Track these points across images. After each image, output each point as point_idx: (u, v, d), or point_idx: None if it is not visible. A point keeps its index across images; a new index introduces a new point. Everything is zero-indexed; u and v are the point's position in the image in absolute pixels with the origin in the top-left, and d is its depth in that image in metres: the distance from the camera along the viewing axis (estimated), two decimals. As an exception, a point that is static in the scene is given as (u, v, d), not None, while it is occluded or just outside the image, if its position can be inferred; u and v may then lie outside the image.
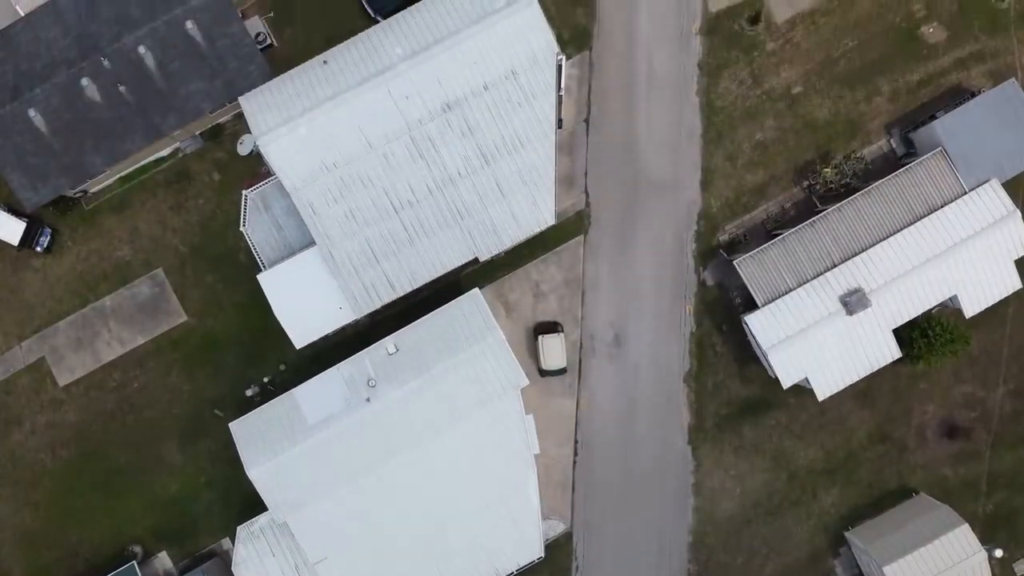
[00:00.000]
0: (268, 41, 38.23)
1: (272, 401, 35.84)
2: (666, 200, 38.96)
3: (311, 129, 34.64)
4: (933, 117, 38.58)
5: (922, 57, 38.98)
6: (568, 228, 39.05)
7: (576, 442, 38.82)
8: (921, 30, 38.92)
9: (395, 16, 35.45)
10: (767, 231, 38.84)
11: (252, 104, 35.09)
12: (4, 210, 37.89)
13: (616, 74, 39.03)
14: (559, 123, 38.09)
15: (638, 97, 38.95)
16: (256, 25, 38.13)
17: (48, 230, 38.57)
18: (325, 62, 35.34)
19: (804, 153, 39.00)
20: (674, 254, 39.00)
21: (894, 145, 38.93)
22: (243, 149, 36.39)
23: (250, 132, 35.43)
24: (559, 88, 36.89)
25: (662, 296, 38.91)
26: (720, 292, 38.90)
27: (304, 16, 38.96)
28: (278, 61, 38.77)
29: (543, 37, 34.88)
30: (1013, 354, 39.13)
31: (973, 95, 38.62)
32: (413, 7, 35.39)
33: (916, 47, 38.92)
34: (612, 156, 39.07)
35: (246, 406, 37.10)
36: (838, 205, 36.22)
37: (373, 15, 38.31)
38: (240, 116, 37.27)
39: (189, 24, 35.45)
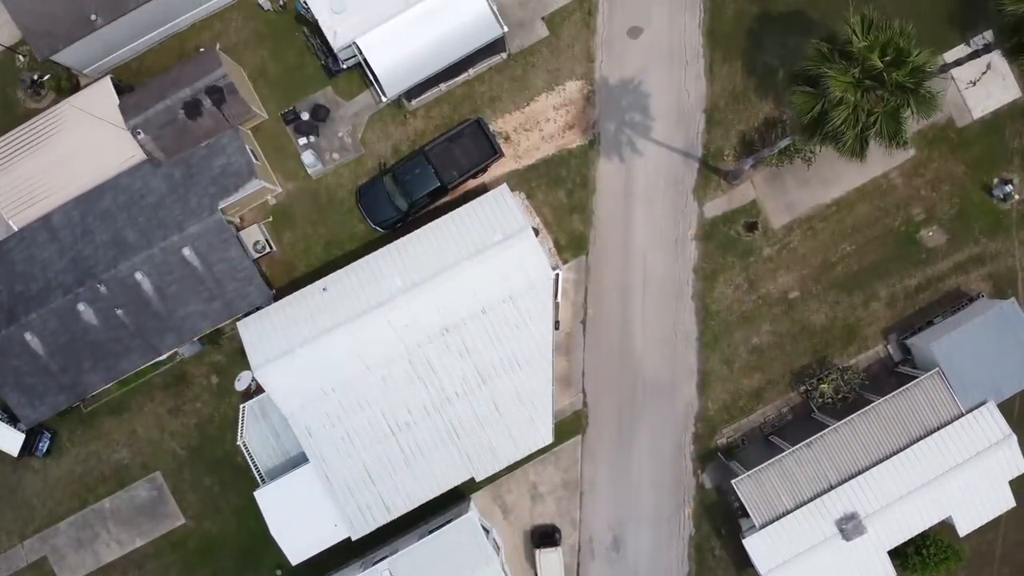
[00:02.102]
0: (268, 250, 38.26)
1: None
2: (664, 402, 38.98)
3: (310, 359, 34.70)
4: (931, 323, 38.58)
5: (921, 261, 38.90)
6: (566, 428, 39.08)
7: (577, 648, 39.03)
8: (921, 234, 38.84)
9: (394, 244, 35.45)
10: (764, 436, 38.84)
11: (251, 333, 35.15)
12: (4, 421, 38.08)
13: (613, 278, 39.06)
14: (556, 325, 38.11)
15: (634, 300, 38.94)
16: (255, 233, 38.20)
17: (47, 434, 38.81)
18: (324, 289, 35.38)
19: (801, 358, 38.97)
20: (672, 456, 39.01)
21: (891, 351, 38.85)
22: (240, 385, 36.52)
23: (247, 369, 35.45)
24: (556, 295, 37.02)
25: (661, 499, 38.93)
26: (718, 495, 38.91)
27: (303, 221, 39.04)
28: (277, 266, 39.02)
29: (540, 265, 34.93)
30: (1006, 553, 39.16)
31: (972, 300, 38.61)
32: (412, 236, 35.41)
33: (915, 251, 38.84)
34: (609, 357, 39.09)
35: (243, 611, 37.36)
36: (835, 425, 36.16)
37: (373, 227, 38.33)
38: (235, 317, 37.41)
39: (186, 251, 35.56)
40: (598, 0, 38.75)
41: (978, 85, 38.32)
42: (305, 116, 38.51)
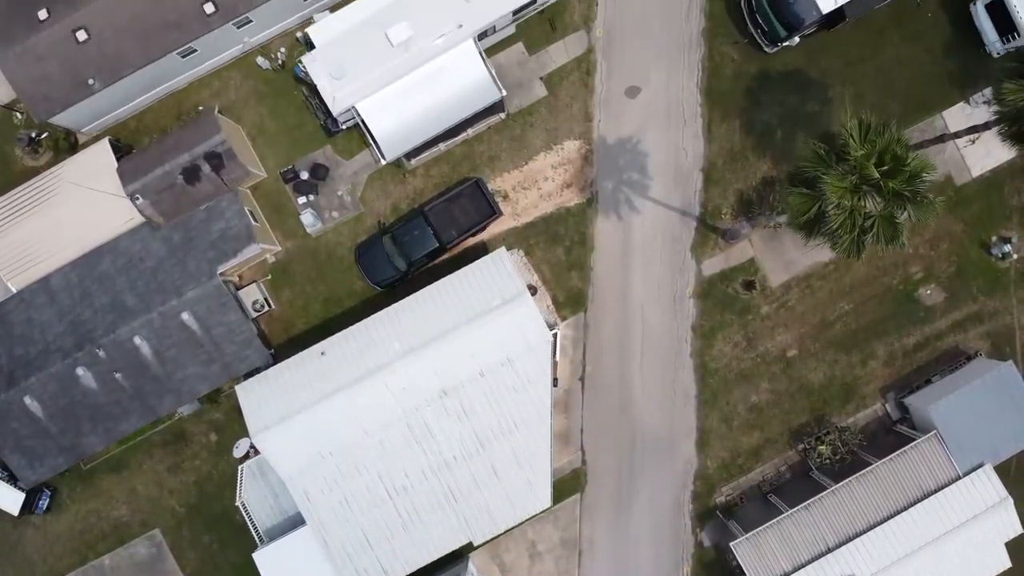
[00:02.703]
0: (266, 308, 38.31)
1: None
2: (663, 460, 39.03)
3: (308, 424, 34.74)
4: (929, 381, 38.63)
5: (919, 320, 38.93)
6: (565, 486, 39.12)
7: None
8: (919, 292, 38.88)
9: (392, 308, 35.47)
10: (763, 494, 38.88)
11: (249, 398, 35.18)
12: (4, 480, 38.15)
13: (611, 335, 39.10)
14: (555, 382, 38.15)
15: (633, 358, 38.99)
16: (254, 292, 38.23)
17: (47, 492, 38.91)
18: (323, 353, 35.40)
19: (799, 416, 39.03)
20: (671, 515, 39.06)
21: (889, 410, 38.91)
22: (238, 452, 36.56)
23: (245, 426, 35.47)
24: (555, 353, 37.09)
25: (659, 557, 39.00)
26: (717, 554, 38.97)
27: (302, 279, 39.09)
28: (276, 323, 39.09)
29: (538, 328, 34.95)
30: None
31: (970, 359, 38.65)
32: (410, 300, 35.43)
33: (913, 309, 38.89)
34: (608, 415, 39.15)
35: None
36: (833, 488, 36.19)
37: (372, 285, 38.40)
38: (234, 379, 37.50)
39: (185, 315, 35.62)
40: (596, 60, 38.73)
41: (977, 143, 38.34)
42: (304, 175, 38.54)
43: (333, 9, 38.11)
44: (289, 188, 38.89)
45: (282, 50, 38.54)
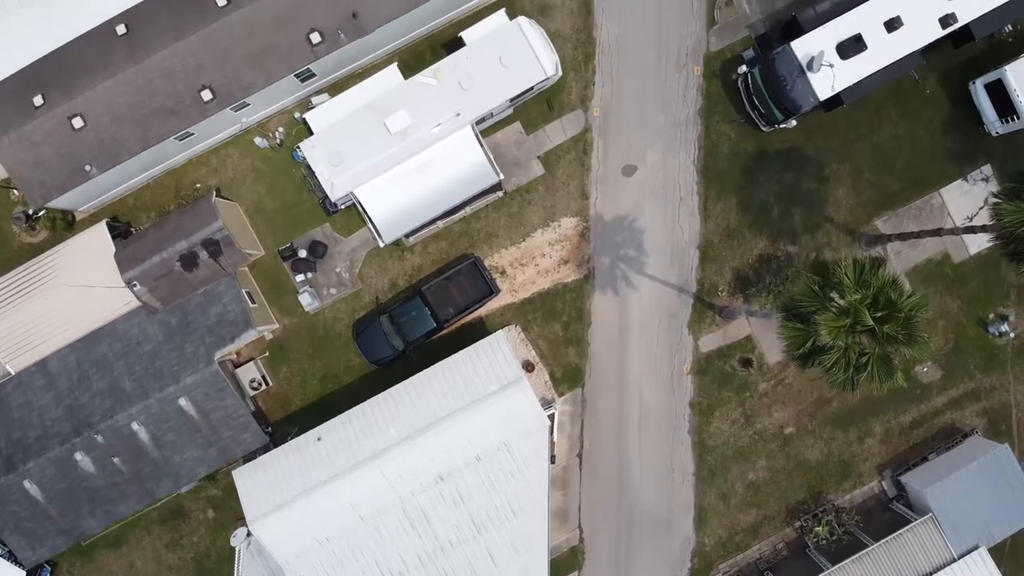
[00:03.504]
0: (264, 386, 38.39)
1: None
2: (660, 537, 39.12)
3: (304, 511, 34.82)
4: (925, 459, 38.71)
5: (916, 397, 39.00)
6: (563, 565, 39.24)
7: None
8: (915, 370, 38.89)
9: (389, 392, 35.55)
10: (760, 571, 38.99)
11: (246, 484, 35.30)
12: (4, 557, 38.25)
13: (609, 411, 39.18)
14: (552, 459, 38.25)
15: (631, 434, 39.06)
16: (251, 371, 38.32)
17: (47, 569, 39.03)
18: (319, 439, 35.50)
19: (796, 494, 39.12)
20: (668, 591, 39.23)
21: (885, 488, 38.99)
22: (235, 541, 36.58)
23: (241, 504, 35.54)
24: (552, 430, 37.22)
25: (656, 634, 39.14)
26: (713, 629, 39.12)
27: (300, 355, 39.15)
28: (273, 400, 39.18)
29: (535, 413, 35.02)
30: None
31: (966, 436, 38.74)
32: (407, 384, 35.50)
33: (910, 387, 38.90)
34: (606, 492, 39.23)
35: None
36: (829, 571, 36.29)
37: (369, 363, 38.46)
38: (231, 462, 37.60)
39: (183, 401, 35.68)
40: (593, 139, 38.74)
41: (975, 220, 38.33)
42: (302, 253, 38.58)
43: (331, 90, 38.18)
44: (287, 266, 38.91)
45: (280, 129, 38.57)
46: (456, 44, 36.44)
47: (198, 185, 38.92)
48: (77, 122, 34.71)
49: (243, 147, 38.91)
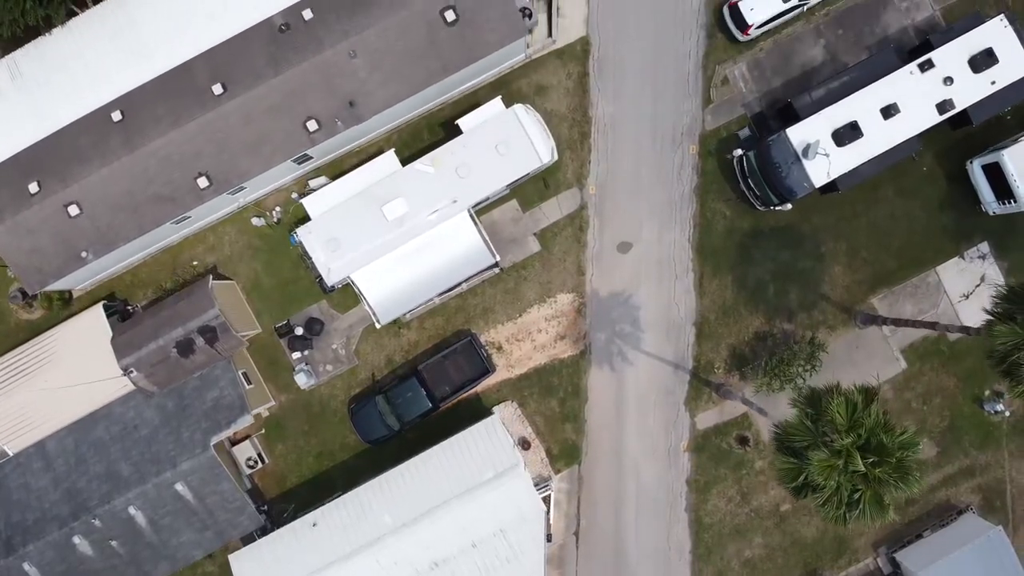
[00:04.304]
0: (260, 464, 38.49)
1: None
2: (656, 612, 39.27)
3: (301, 598, 35.03)
4: (920, 536, 38.77)
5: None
6: (559, 639, 39.39)
7: None
8: (911, 447, 38.91)
9: (384, 477, 35.65)
10: (756, 647, 39.15)
11: (243, 568, 35.45)
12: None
13: (606, 488, 39.24)
14: (548, 538, 38.42)
15: (628, 512, 39.15)
16: (247, 449, 38.44)
17: (44, 644, 39.13)
18: (315, 524, 35.61)
19: (793, 571, 39.22)
20: (664, 667, 39.34)
21: (880, 565, 39.08)
22: None
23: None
24: (549, 508, 37.34)
25: None
26: None
27: (296, 432, 39.23)
28: (269, 478, 39.27)
29: (531, 499, 35.14)
30: None
31: (960, 513, 38.80)
32: (402, 469, 35.62)
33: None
34: (603, 570, 39.32)
35: None
36: (824, 652, 36.49)
37: (363, 441, 38.54)
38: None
39: (179, 486, 35.76)
40: (589, 216, 38.77)
41: (971, 298, 38.38)
42: (299, 331, 38.63)
43: (328, 169, 38.20)
44: (284, 343, 38.95)
45: (277, 208, 38.62)
46: (455, 128, 36.42)
47: (195, 262, 38.97)
48: (73, 210, 34.76)
49: (240, 224, 38.96)
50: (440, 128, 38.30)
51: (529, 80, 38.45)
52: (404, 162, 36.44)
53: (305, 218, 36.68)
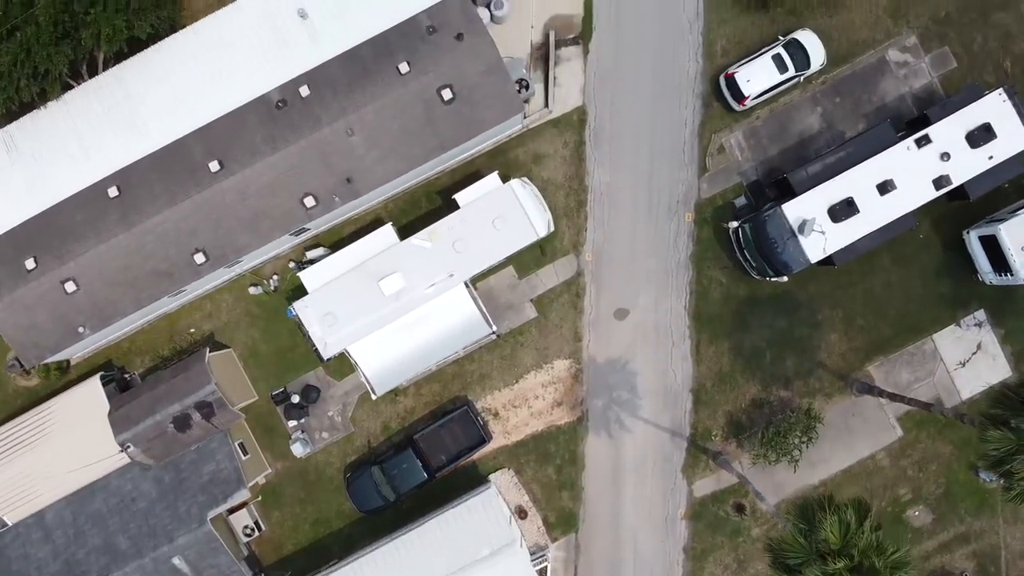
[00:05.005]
0: (256, 532, 38.54)
1: None
2: (653, 674, 39.34)
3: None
4: (916, 604, 38.86)
5: (907, 541, 38.90)
6: None
7: None
8: (907, 514, 39.02)
9: (380, 551, 35.75)
10: None
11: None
12: None
13: (603, 556, 39.28)
14: (545, 599, 38.53)
15: (625, 579, 39.28)
16: (244, 517, 38.45)
17: None
18: (312, 593, 35.73)
19: (789, 638, 39.26)
20: None
21: (878, 629, 39.14)
22: None
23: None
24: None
25: None
26: None
27: (292, 500, 39.27)
28: (265, 545, 39.33)
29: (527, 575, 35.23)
30: None
31: (956, 580, 39.00)
32: (397, 543, 35.73)
33: (901, 531, 38.98)
34: (599, 634, 39.42)
35: None
36: None
37: (358, 510, 38.57)
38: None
39: (176, 560, 35.81)
40: (585, 283, 38.82)
41: (967, 366, 38.46)
42: (295, 399, 38.66)
43: (325, 239, 38.23)
44: (280, 410, 38.99)
45: (275, 276, 38.63)
46: (452, 197, 36.45)
47: (192, 330, 38.99)
48: (70, 286, 34.80)
49: (237, 292, 38.98)
50: (437, 196, 38.34)
51: (526, 149, 38.49)
52: (401, 231, 36.55)
53: (302, 286, 36.65)
